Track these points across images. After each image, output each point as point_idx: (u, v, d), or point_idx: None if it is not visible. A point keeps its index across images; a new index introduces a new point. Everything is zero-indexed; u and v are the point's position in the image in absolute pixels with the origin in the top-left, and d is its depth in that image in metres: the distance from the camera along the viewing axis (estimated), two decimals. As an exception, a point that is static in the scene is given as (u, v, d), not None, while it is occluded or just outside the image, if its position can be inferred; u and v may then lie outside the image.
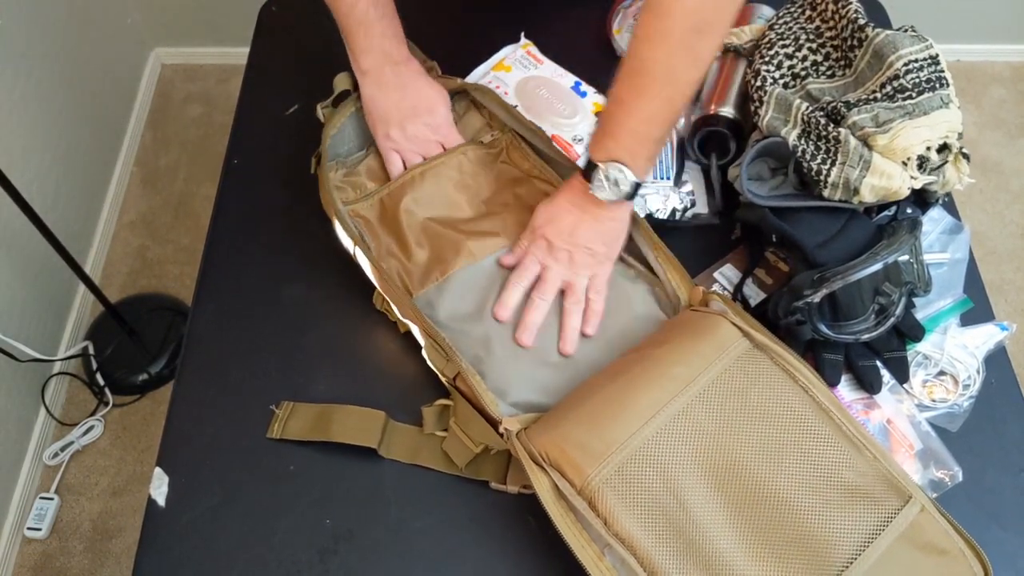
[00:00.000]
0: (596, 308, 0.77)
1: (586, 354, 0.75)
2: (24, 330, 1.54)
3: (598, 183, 0.72)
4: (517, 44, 0.99)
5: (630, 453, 0.62)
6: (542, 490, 0.63)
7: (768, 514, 0.61)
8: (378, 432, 0.74)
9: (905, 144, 0.73)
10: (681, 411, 0.64)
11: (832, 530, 0.60)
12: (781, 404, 0.65)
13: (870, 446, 0.64)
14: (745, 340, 0.68)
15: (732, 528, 0.60)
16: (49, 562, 1.50)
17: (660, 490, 0.61)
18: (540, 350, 0.75)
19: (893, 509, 0.61)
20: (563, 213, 0.76)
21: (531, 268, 0.77)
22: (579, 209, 0.75)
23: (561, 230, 0.76)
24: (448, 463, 0.73)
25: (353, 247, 0.78)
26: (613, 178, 0.72)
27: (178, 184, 1.94)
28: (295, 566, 0.70)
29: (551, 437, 0.64)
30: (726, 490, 0.62)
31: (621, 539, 0.60)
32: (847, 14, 0.83)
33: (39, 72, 1.60)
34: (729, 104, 0.87)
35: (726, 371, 0.66)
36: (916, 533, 0.61)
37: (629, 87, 0.71)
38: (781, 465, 0.63)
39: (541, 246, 0.77)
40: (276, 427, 0.76)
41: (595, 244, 0.76)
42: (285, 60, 1.04)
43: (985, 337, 0.78)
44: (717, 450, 0.63)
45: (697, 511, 0.60)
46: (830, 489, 0.62)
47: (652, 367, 0.67)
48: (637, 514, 0.61)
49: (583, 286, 0.77)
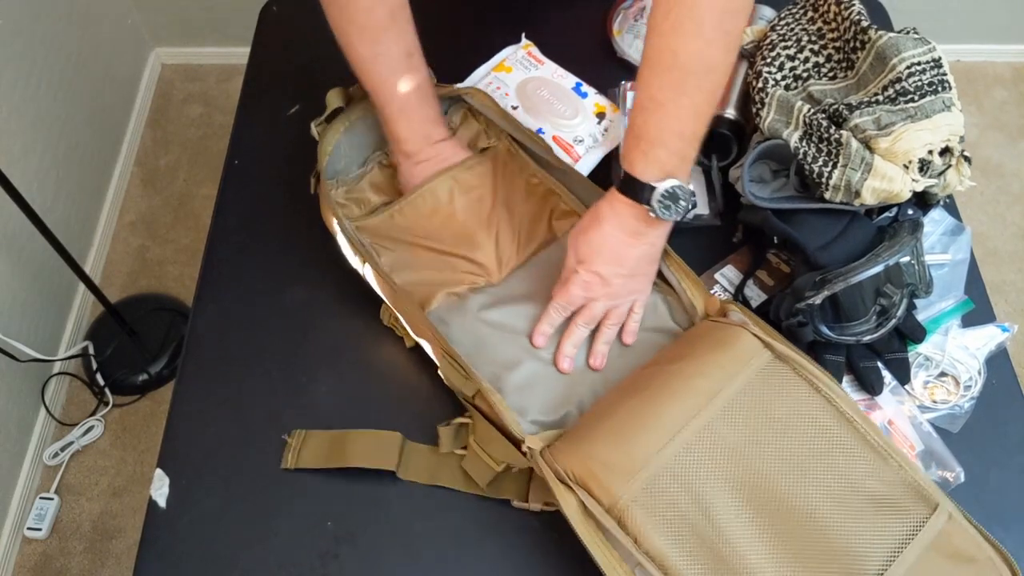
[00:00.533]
0: (633, 328, 0.75)
1: (606, 369, 0.74)
2: (24, 330, 1.53)
3: (660, 205, 0.67)
4: (518, 45, 0.98)
5: (657, 470, 0.61)
6: (570, 509, 0.62)
7: (796, 527, 0.60)
8: (395, 454, 0.72)
9: (907, 147, 0.72)
10: (706, 426, 0.63)
11: (861, 542, 0.60)
12: (805, 416, 0.64)
13: (895, 455, 0.63)
14: (767, 351, 0.67)
15: (761, 542, 0.60)
16: (49, 562, 1.50)
17: (688, 506, 0.61)
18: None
19: (921, 518, 0.61)
20: (614, 245, 0.71)
21: (577, 303, 0.74)
22: (629, 235, 0.70)
23: (614, 263, 0.71)
24: (468, 483, 0.71)
25: (362, 265, 0.77)
26: (673, 196, 0.67)
27: (178, 184, 1.94)
28: (296, 568, 0.70)
29: (576, 455, 0.63)
30: (754, 504, 0.61)
31: (651, 557, 0.59)
32: (850, 16, 0.83)
33: (39, 72, 1.60)
34: (730, 106, 0.87)
35: (749, 384, 0.65)
36: (945, 542, 0.60)
37: (665, 87, 0.66)
38: (807, 477, 0.62)
39: (594, 282, 0.72)
40: (290, 457, 0.74)
41: (648, 266, 0.74)
42: (285, 60, 1.03)
43: (986, 338, 0.78)
44: (743, 464, 0.62)
45: (726, 526, 0.60)
46: (857, 500, 0.61)
47: (674, 381, 0.66)
48: (666, 531, 0.60)
49: (627, 309, 0.75)
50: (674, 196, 0.67)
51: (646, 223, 0.69)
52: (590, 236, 0.72)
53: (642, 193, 0.67)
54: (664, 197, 0.67)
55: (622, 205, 0.69)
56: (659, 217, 0.68)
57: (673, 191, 0.66)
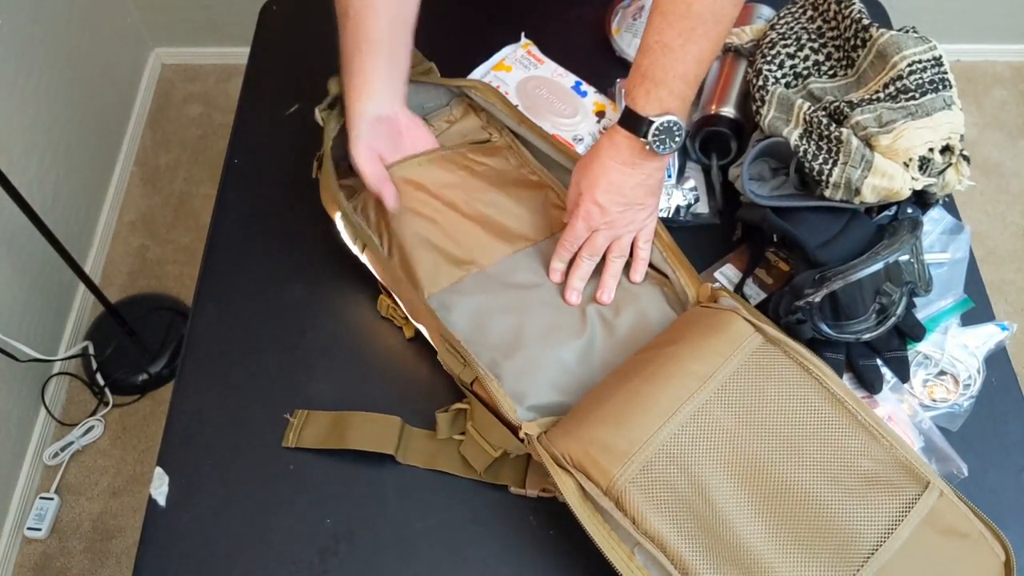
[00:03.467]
0: (645, 256, 0.79)
1: (601, 355, 0.75)
2: (24, 330, 1.54)
3: (656, 138, 0.72)
4: (517, 44, 0.99)
5: (653, 451, 0.62)
6: (568, 492, 0.63)
7: (791, 506, 0.61)
8: (395, 438, 0.73)
9: (907, 145, 0.73)
10: (701, 408, 0.64)
11: (855, 519, 0.61)
12: (797, 396, 0.66)
13: (886, 434, 0.64)
14: (758, 335, 0.69)
15: (757, 521, 0.61)
16: (49, 562, 1.50)
17: (685, 487, 0.62)
18: (557, 352, 0.74)
19: (913, 495, 0.62)
20: (612, 175, 0.75)
21: (581, 235, 0.77)
22: (628, 166, 0.74)
23: (612, 193, 0.75)
24: (466, 468, 0.72)
25: (361, 249, 0.78)
26: (669, 130, 0.72)
27: (178, 184, 1.94)
28: (295, 566, 0.70)
29: (573, 439, 0.64)
30: (749, 484, 0.62)
31: (650, 537, 0.60)
32: (850, 14, 0.83)
33: (39, 72, 1.60)
34: (730, 104, 0.87)
35: (742, 366, 0.67)
36: (937, 518, 0.61)
37: (676, 32, 0.70)
38: (801, 457, 0.63)
39: (593, 212, 0.76)
40: (291, 436, 0.75)
41: (647, 198, 0.76)
42: (285, 60, 1.04)
43: (985, 337, 0.78)
44: (738, 445, 0.63)
45: (722, 506, 0.61)
46: (850, 478, 0.62)
47: (669, 364, 0.67)
48: (664, 512, 0.61)
49: (629, 241, 0.78)
50: (669, 131, 0.72)
51: (642, 155, 0.74)
52: (590, 168, 0.76)
53: (640, 127, 0.72)
54: (660, 131, 0.72)
55: (621, 138, 0.74)
56: (654, 151, 0.72)
57: (669, 126, 0.71)
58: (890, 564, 0.59)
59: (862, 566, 0.59)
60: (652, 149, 0.72)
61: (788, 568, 0.59)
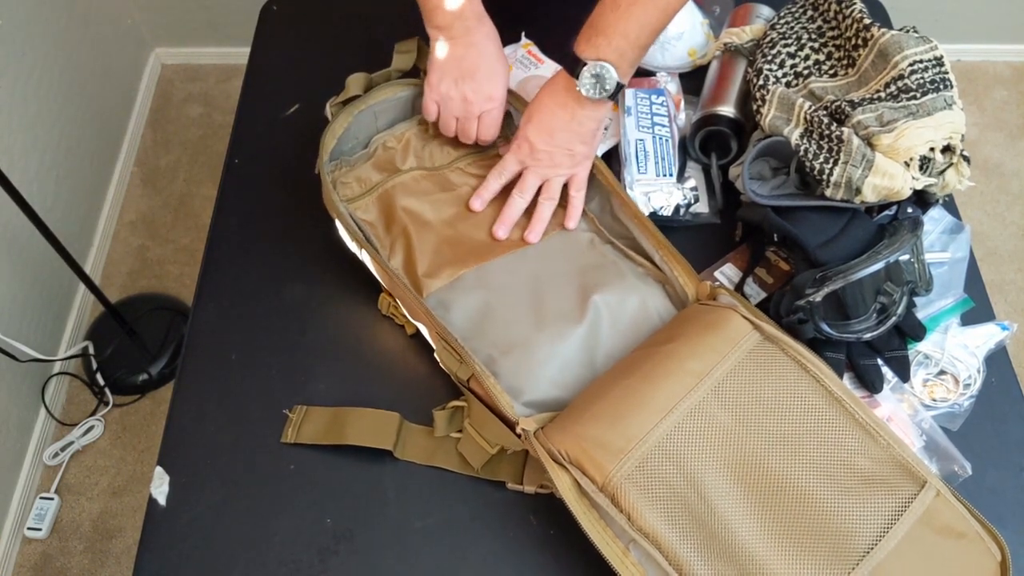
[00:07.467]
0: (577, 204, 0.82)
1: (601, 352, 0.75)
2: (24, 330, 1.54)
3: (584, 80, 0.75)
4: (518, 44, 0.99)
5: (649, 448, 0.62)
6: (564, 488, 0.63)
7: (788, 504, 0.61)
8: (393, 434, 0.73)
9: (908, 144, 0.73)
10: (697, 405, 0.65)
11: (851, 517, 0.61)
12: (794, 394, 0.66)
13: (883, 433, 0.64)
14: (756, 333, 0.69)
15: (753, 519, 0.61)
16: (49, 562, 1.50)
17: (680, 484, 0.62)
18: (555, 347, 0.74)
19: (910, 494, 0.62)
20: (544, 113, 0.79)
21: (511, 168, 0.81)
22: (560, 107, 0.78)
23: (541, 131, 0.79)
24: (464, 464, 0.72)
25: (359, 249, 0.78)
26: (599, 76, 0.74)
27: (178, 184, 1.94)
28: (295, 565, 0.70)
29: (570, 435, 0.64)
30: (745, 482, 0.62)
31: (645, 534, 0.60)
32: (851, 14, 0.83)
33: (39, 72, 1.60)
34: (730, 103, 0.87)
35: (740, 364, 0.67)
36: (933, 517, 0.62)
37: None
38: (798, 455, 0.63)
39: (523, 147, 0.80)
40: (290, 431, 0.75)
41: (574, 144, 0.79)
42: (285, 60, 1.04)
43: (986, 337, 0.78)
44: (734, 442, 0.64)
45: (718, 503, 0.61)
46: (847, 477, 0.62)
47: (666, 362, 0.67)
48: (659, 508, 0.61)
49: (559, 184, 0.81)
50: (600, 77, 0.75)
51: (574, 99, 0.77)
52: (530, 107, 0.81)
53: (575, 68, 0.76)
54: (591, 76, 0.75)
55: (559, 77, 0.79)
56: (584, 94, 0.75)
57: (600, 72, 0.75)
58: (885, 563, 0.59)
59: (857, 564, 0.59)
60: (582, 91, 0.75)
61: (783, 565, 0.59)
